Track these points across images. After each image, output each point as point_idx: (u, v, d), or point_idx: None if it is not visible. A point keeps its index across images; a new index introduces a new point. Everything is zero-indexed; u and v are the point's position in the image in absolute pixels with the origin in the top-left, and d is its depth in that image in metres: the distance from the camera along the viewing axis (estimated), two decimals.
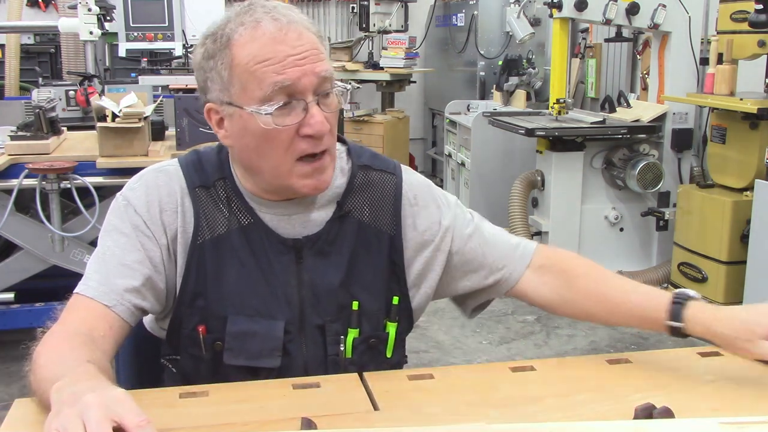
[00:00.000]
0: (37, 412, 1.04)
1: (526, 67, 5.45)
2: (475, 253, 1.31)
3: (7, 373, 3.06)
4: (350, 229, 1.24)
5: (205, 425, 0.99)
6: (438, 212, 1.30)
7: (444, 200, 1.33)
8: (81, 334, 1.08)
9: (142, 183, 1.22)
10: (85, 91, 3.54)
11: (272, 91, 1.10)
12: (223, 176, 1.23)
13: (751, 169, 3.52)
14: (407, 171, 1.33)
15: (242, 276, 1.20)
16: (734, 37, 3.53)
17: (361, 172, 1.27)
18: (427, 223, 1.29)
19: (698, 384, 1.14)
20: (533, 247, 1.35)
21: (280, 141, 1.12)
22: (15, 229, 3.00)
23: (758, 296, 3.30)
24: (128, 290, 1.15)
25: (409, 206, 1.28)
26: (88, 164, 2.93)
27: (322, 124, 1.11)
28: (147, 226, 1.19)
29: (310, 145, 1.13)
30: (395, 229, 1.27)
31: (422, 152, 7.25)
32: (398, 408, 1.06)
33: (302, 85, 1.10)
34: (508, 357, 3.42)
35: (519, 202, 4.20)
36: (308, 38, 1.12)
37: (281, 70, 1.09)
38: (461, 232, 1.31)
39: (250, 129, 1.13)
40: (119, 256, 1.17)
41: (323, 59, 1.13)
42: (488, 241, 1.33)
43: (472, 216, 1.35)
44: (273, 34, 1.10)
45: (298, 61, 1.10)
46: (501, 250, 1.33)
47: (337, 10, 7.05)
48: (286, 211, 1.22)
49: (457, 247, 1.30)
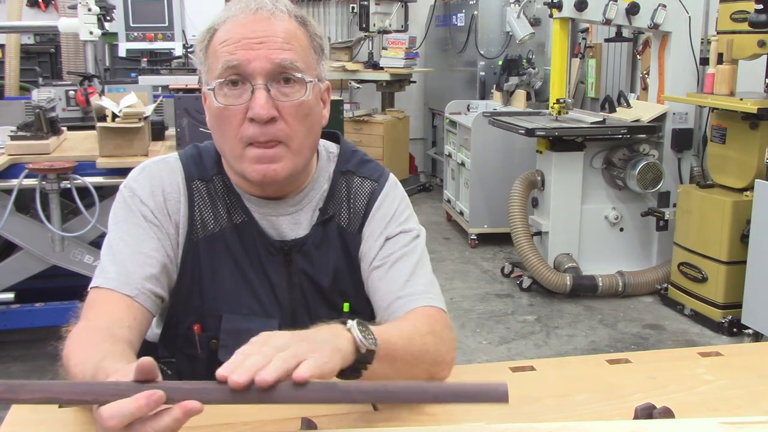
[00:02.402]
0: (37, 412, 1.04)
1: (526, 67, 5.46)
2: (372, 284, 1.24)
3: (7, 373, 3.05)
4: (333, 234, 1.25)
5: (205, 425, 0.99)
6: (382, 224, 1.25)
7: (397, 221, 1.25)
8: (102, 329, 1.06)
9: (145, 174, 1.22)
10: (85, 91, 3.54)
11: (222, 69, 1.11)
12: (220, 171, 1.24)
13: (751, 169, 3.52)
14: (392, 183, 1.29)
15: (237, 275, 1.21)
16: (734, 37, 3.52)
17: (343, 178, 1.27)
18: (371, 235, 1.25)
19: (698, 384, 1.14)
20: (411, 307, 1.18)
21: (229, 122, 1.13)
22: (15, 229, 3.00)
23: (758, 296, 3.30)
24: (147, 278, 1.14)
25: (373, 211, 1.26)
26: (88, 164, 2.93)
27: (262, 108, 1.10)
28: (154, 215, 1.19)
29: (255, 132, 1.12)
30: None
31: (422, 152, 7.25)
32: (398, 408, 1.06)
33: (252, 67, 1.10)
34: (508, 357, 3.42)
35: (519, 202, 4.20)
36: (278, 25, 1.12)
37: (233, 51, 1.11)
38: (375, 258, 1.23)
39: (210, 109, 1.16)
40: (134, 245, 1.16)
41: (289, 49, 1.12)
42: (383, 280, 1.22)
43: (404, 253, 1.23)
44: (238, 19, 1.13)
45: (253, 44, 1.11)
46: (383, 295, 1.22)
47: (337, 10, 7.05)
48: (273, 212, 1.22)
49: (367, 272, 1.25)
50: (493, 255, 4.98)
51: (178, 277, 1.21)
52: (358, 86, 6.26)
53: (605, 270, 4.19)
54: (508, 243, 4.60)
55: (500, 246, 5.06)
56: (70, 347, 1.03)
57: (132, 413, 0.76)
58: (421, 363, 1.08)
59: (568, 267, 4.15)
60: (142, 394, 0.77)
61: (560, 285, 4.08)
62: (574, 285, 4.08)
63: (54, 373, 1.05)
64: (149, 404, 0.77)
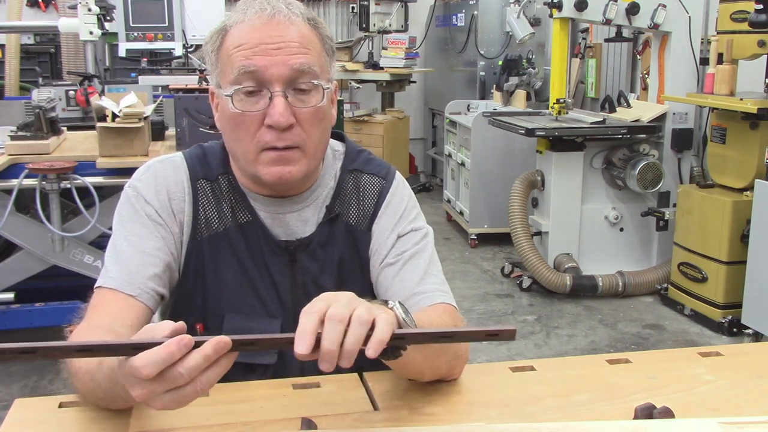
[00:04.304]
0: (37, 412, 1.04)
1: (526, 67, 5.46)
2: (384, 281, 1.24)
3: (7, 373, 3.05)
4: (340, 232, 1.25)
5: (205, 425, 0.99)
6: (392, 221, 1.26)
7: (407, 218, 1.27)
8: (103, 326, 1.06)
9: (150, 173, 1.22)
10: (85, 91, 3.54)
11: (239, 75, 1.11)
12: (226, 171, 1.24)
13: (751, 169, 3.52)
14: (400, 180, 1.31)
15: (240, 275, 1.21)
16: (734, 37, 3.53)
17: (351, 176, 1.27)
18: (381, 233, 1.26)
19: (698, 384, 1.14)
20: (427, 304, 1.20)
21: (246, 128, 1.13)
22: (15, 229, 3.00)
23: (758, 296, 3.30)
24: (150, 278, 1.15)
25: (383, 211, 1.27)
26: (88, 164, 2.93)
27: (281, 115, 1.10)
28: (159, 214, 1.19)
29: (273, 138, 1.12)
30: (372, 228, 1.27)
31: (422, 152, 7.25)
32: (398, 408, 1.06)
33: (269, 74, 1.10)
34: (508, 357, 3.42)
35: (519, 202, 4.20)
36: (293, 31, 1.12)
37: (250, 56, 1.11)
38: (389, 256, 1.24)
39: (225, 113, 1.15)
40: (137, 244, 1.17)
41: (306, 53, 1.12)
42: (397, 277, 1.23)
43: (416, 250, 1.24)
44: (253, 22, 1.12)
45: (270, 50, 1.10)
46: (396, 292, 1.22)
47: (337, 10, 7.05)
48: (279, 210, 1.23)
49: (377, 270, 1.25)
50: (493, 255, 4.98)
51: (181, 276, 1.21)
52: (358, 86, 6.26)
53: (605, 270, 4.19)
54: (508, 243, 4.60)
55: (500, 246, 5.06)
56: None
57: (165, 359, 0.76)
58: (445, 355, 1.09)
59: (568, 267, 4.15)
60: (173, 340, 0.77)
61: (560, 285, 4.08)
62: (574, 285, 4.08)
63: (54, 373, 1.05)
64: (180, 349, 0.77)
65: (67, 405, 1.05)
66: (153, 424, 0.99)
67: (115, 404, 0.99)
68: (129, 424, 0.99)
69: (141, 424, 0.99)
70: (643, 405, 0.99)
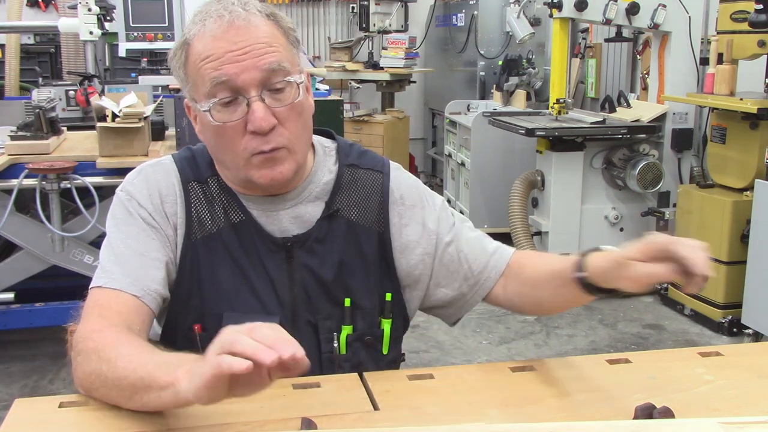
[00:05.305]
0: (37, 412, 1.04)
1: (526, 67, 5.46)
2: (451, 260, 1.30)
3: (7, 373, 3.05)
4: (339, 228, 1.25)
5: (205, 425, 0.99)
6: (422, 213, 1.30)
7: (430, 201, 1.32)
8: (122, 326, 1.07)
9: (141, 177, 1.23)
10: (85, 91, 3.54)
11: (212, 87, 1.11)
12: (214, 173, 1.24)
13: (751, 169, 3.52)
14: (396, 169, 1.33)
15: (236, 274, 1.21)
16: (734, 37, 3.52)
17: (348, 171, 1.28)
18: (412, 224, 1.29)
19: (698, 384, 1.14)
20: (509, 253, 1.34)
21: (230, 138, 1.13)
22: (15, 229, 3.00)
23: (758, 296, 3.30)
24: (153, 280, 1.15)
25: (395, 205, 1.28)
26: (88, 164, 2.93)
27: (262, 120, 1.10)
28: (153, 217, 1.19)
29: (258, 143, 1.12)
30: (383, 226, 1.27)
31: (422, 152, 7.25)
32: (398, 408, 1.06)
33: (242, 80, 1.10)
34: (508, 357, 3.42)
35: (519, 202, 4.20)
36: (255, 32, 1.12)
37: (219, 66, 1.10)
38: (442, 239, 1.30)
39: (206, 126, 1.15)
40: (135, 247, 1.17)
41: (273, 51, 1.12)
42: (464, 249, 1.31)
43: (454, 220, 1.33)
44: (214, 32, 1.11)
45: (237, 57, 1.10)
46: (476, 258, 1.31)
47: (337, 10, 7.05)
48: (274, 207, 1.23)
49: (438, 254, 1.30)
50: None
51: (177, 278, 1.21)
52: (358, 86, 6.25)
53: None
54: (508, 243, 4.58)
55: None
56: (106, 351, 1.01)
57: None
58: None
59: None
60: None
61: None
62: None
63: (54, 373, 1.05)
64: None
65: (67, 405, 1.05)
66: (153, 424, 0.99)
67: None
68: (129, 425, 0.99)
69: (141, 424, 0.99)
70: (643, 405, 0.99)
